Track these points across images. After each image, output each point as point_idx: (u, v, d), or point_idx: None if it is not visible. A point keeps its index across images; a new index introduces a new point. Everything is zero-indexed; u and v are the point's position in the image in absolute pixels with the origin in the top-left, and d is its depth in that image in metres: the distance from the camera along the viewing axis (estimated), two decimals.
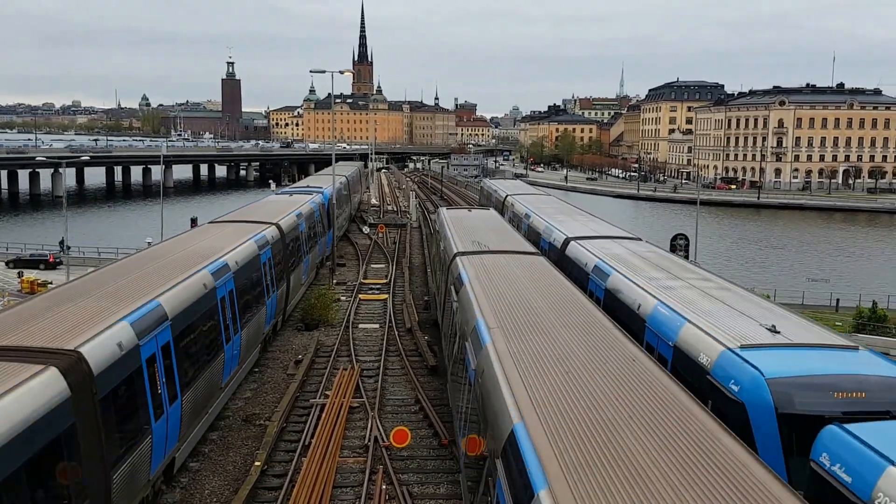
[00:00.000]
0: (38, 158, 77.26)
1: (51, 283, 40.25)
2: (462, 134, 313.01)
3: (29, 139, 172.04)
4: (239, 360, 18.64)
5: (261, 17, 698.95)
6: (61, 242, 50.65)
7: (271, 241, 22.44)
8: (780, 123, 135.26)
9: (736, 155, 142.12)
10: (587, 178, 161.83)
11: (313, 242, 30.84)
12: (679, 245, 28.85)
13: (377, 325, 26.78)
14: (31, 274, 45.31)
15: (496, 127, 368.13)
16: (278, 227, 23.94)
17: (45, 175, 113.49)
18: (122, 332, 11.80)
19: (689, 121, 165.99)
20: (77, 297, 13.00)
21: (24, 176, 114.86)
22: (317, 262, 32.73)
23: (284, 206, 28.83)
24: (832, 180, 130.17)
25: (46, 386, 9.25)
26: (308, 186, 40.44)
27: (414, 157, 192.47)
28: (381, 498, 14.03)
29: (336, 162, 40.74)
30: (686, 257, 28.35)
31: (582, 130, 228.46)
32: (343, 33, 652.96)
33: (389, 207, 68.27)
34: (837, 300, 41.47)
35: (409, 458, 15.98)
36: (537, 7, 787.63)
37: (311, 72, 39.23)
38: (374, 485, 14.52)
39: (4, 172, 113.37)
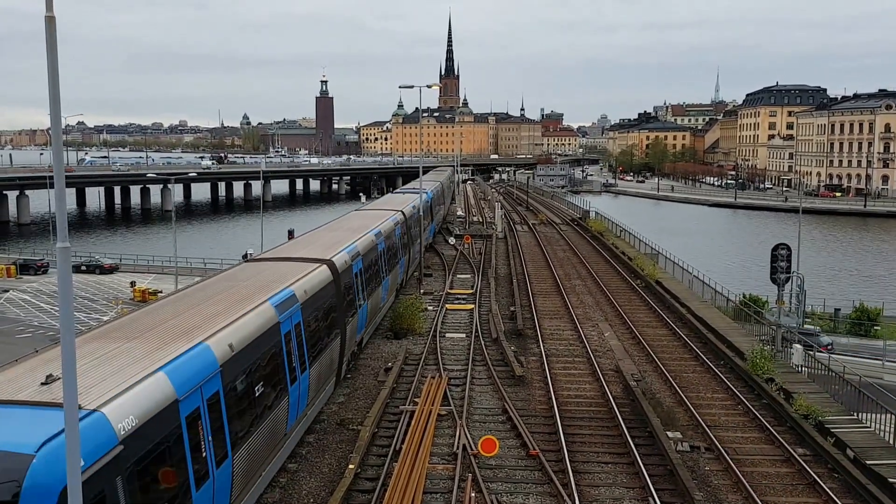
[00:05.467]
0: (148, 175, 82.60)
1: (160, 291, 42.94)
2: (548, 144, 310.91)
3: (140, 156, 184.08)
4: (404, 272, 33.10)
5: (349, 37, 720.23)
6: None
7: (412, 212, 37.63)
8: (887, 128, 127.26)
9: (840, 161, 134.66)
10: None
11: (420, 230, 40.57)
12: (780, 255, 27.27)
13: (463, 335, 27.15)
14: (143, 283, 48.54)
15: (583, 136, 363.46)
16: (403, 213, 35.01)
17: (155, 190, 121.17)
18: (346, 254, 21.51)
19: (789, 126, 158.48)
20: (311, 243, 22.56)
21: (135, 191, 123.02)
22: (423, 246, 41.86)
23: (406, 198, 42.42)
24: None
25: (323, 272, 18.69)
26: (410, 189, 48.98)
27: (499, 169, 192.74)
28: None
29: (424, 174, 41.82)
30: (788, 268, 26.79)
31: (674, 138, 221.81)
32: (428, 49, 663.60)
33: (475, 218, 68.72)
34: None
35: (498, 468, 16.14)
36: (625, 14, 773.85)
37: (399, 87, 41.51)
38: (464, 492, 14.75)
39: (118, 188, 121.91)
